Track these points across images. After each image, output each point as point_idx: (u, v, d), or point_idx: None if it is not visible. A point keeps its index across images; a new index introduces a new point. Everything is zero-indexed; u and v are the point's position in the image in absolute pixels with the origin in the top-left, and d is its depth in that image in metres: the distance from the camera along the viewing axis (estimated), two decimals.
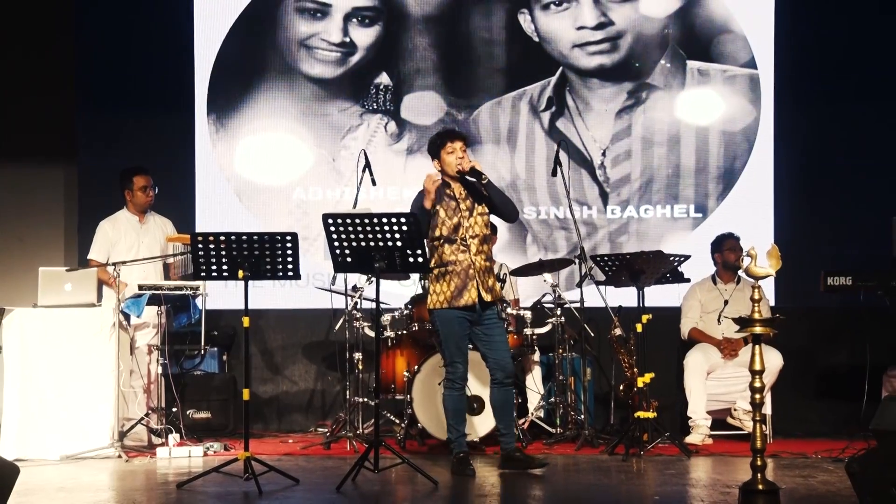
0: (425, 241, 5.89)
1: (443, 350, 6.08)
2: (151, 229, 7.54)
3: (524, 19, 8.50)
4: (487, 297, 5.97)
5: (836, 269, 6.73)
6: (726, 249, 7.56)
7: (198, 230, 7.96)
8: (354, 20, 8.51)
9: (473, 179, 5.98)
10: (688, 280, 7.28)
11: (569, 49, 8.48)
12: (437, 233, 5.99)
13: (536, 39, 8.50)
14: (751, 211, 8.33)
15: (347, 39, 8.50)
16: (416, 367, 7.00)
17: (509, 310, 7.15)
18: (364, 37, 8.50)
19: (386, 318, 7.26)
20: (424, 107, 8.51)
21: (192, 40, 8.50)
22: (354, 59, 8.51)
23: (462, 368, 6.00)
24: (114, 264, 6.89)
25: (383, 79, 8.50)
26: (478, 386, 6.77)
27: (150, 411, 7.03)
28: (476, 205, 6.04)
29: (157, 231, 7.56)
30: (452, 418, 6.02)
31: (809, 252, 8.00)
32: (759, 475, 4.63)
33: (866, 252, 7.94)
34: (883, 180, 8.34)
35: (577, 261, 7.29)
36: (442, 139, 6.09)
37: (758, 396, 4.69)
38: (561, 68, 8.48)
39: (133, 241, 7.44)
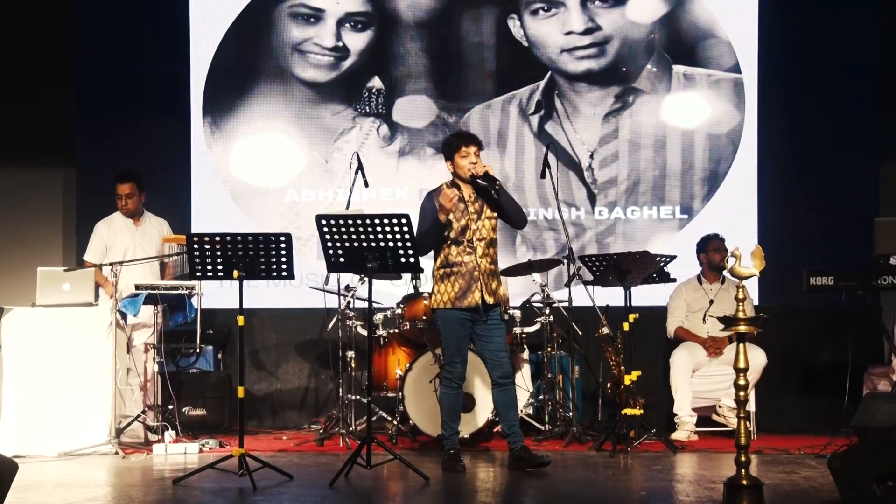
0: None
1: (443, 349, 6.14)
2: (147, 231, 7.59)
3: (514, 24, 8.56)
4: (490, 300, 6.00)
5: (818, 269, 6.75)
6: (711, 250, 7.61)
7: (193, 231, 8.01)
8: (347, 25, 8.56)
9: (486, 184, 5.98)
10: (674, 280, 7.36)
11: (557, 54, 8.55)
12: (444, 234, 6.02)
13: (526, 44, 8.56)
14: (735, 212, 8.39)
15: (340, 44, 8.55)
16: (407, 365, 7.07)
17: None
18: (357, 41, 8.56)
19: (378, 317, 7.33)
20: (416, 110, 8.57)
21: (188, 45, 8.55)
22: (347, 63, 8.57)
23: (460, 368, 6.04)
24: (110, 265, 6.92)
25: (375, 82, 8.55)
26: (470, 384, 6.82)
27: (146, 409, 7.08)
28: (484, 208, 6.05)
29: (153, 233, 7.60)
30: (447, 415, 6.08)
31: (793, 252, 8.04)
32: (743, 471, 4.68)
33: (849, 252, 7.98)
34: (865, 182, 8.42)
35: (565, 261, 7.32)
36: (457, 142, 6.04)
37: (742, 394, 4.75)
38: (550, 72, 8.55)
39: (129, 242, 7.49)
